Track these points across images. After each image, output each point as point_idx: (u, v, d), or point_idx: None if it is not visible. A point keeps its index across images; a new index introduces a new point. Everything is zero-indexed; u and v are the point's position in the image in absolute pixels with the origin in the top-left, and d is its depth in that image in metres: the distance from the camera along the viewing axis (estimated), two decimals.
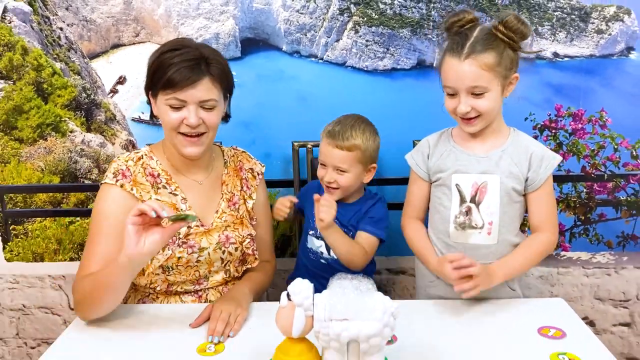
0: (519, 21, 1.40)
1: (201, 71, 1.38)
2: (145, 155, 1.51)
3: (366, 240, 1.61)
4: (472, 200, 1.49)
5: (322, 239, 1.64)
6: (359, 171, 1.63)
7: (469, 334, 1.33)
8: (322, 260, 1.68)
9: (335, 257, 1.62)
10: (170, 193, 1.49)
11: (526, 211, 1.53)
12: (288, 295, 1.06)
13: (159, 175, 1.49)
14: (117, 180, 1.44)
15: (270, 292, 1.88)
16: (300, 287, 1.06)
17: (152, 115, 1.54)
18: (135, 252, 1.23)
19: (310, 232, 1.70)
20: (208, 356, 1.24)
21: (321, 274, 1.64)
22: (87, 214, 2.09)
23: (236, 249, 1.54)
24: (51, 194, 2.10)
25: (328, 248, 1.65)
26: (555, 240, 1.50)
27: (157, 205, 1.22)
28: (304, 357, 1.08)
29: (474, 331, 1.34)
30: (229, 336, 1.30)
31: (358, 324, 1.02)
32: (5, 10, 1.92)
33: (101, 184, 1.48)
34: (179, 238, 1.46)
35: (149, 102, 1.51)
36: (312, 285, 1.07)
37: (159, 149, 1.55)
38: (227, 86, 1.49)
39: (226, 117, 1.57)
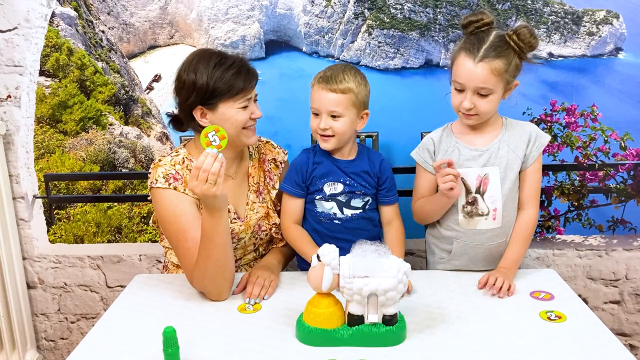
0: (531, 34, 1.52)
1: (254, 72, 1.62)
2: (186, 158, 1.64)
3: (394, 209, 1.75)
4: (477, 191, 1.64)
5: (333, 200, 1.69)
6: (353, 116, 1.62)
7: (470, 297, 1.52)
8: (336, 221, 1.69)
9: (349, 216, 1.68)
10: None
11: None
12: (318, 257, 1.26)
13: None
14: (169, 184, 1.56)
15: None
16: (329, 249, 1.26)
17: (197, 127, 1.61)
18: (209, 195, 1.36)
19: (318, 197, 1.70)
20: (248, 314, 1.44)
21: (335, 235, 1.68)
22: (124, 199, 2.29)
23: (266, 234, 1.74)
24: (91, 181, 2.28)
25: (340, 207, 1.70)
26: (537, 214, 1.68)
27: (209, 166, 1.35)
28: (331, 309, 1.28)
29: (475, 295, 1.54)
30: (263, 299, 1.51)
31: (377, 280, 1.22)
32: (53, 15, 2.11)
33: (151, 188, 1.58)
34: None
35: (192, 119, 1.60)
36: (338, 248, 1.27)
37: (193, 149, 1.67)
38: None
39: None
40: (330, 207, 1.70)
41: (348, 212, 1.69)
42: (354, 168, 1.70)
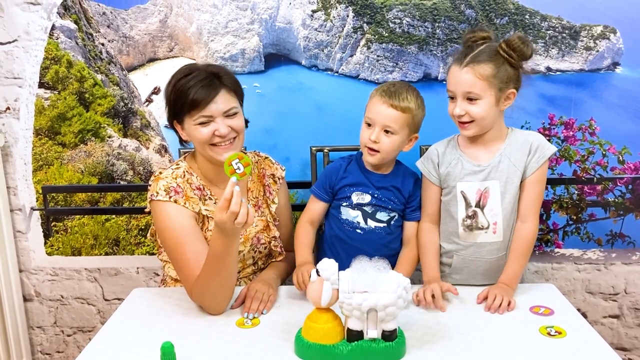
0: (522, 42, 1.53)
1: (216, 86, 1.53)
2: (187, 172, 1.63)
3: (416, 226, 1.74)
4: (477, 205, 1.63)
5: (359, 209, 1.70)
6: (404, 137, 1.64)
7: (470, 312, 1.51)
8: (358, 230, 1.70)
9: (372, 228, 1.69)
10: (215, 204, 1.62)
11: None
12: (317, 271, 1.26)
13: (203, 188, 1.62)
14: (170, 197, 1.55)
15: None
16: (328, 264, 1.25)
17: (181, 141, 1.65)
18: (223, 218, 1.32)
19: (344, 204, 1.72)
20: (247, 328, 1.43)
21: (357, 245, 1.69)
22: (122, 212, 2.28)
23: (265, 247, 1.74)
24: (89, 193, 2.27)
25: (365, 218, 1.70)
26: (537, 228, 1.65)
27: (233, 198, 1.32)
28: (330, 324, 1.27)
29: (474, 310, 1.53)
30: (262, 313, 1.50)
31: (376, 295, 1.21)
32: (53, 27, 2.12)
33: (152, 200, 1.57)
34: None
35: (176, 132, 1.63)
36: (337, 263, 1.27)
37: (192, 164, 1.66)
38: (240, 94, 1.63)
39: (246, 123, 1.67)
40: (355, 215, 1.71)
41: (372, 223, 1.70)
42: (384, 183, 1.71)
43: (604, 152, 2.15)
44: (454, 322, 1.45)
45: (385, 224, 1.71)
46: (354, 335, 1.26)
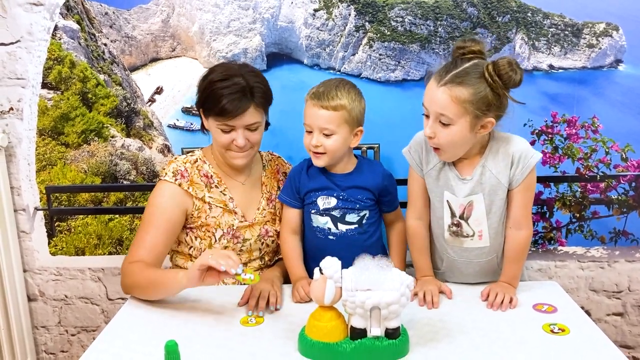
0: (511, 68, 1.39)
1: (247, 100, 1.58)
2: (200, 159, 1.72)
3: (396, 213, 1.75)
4: (461, 216, 1.59)
5: (327, 214, 1.65)
6: (345, 133, 1.58)
7: (472, 310, 1.52)
8: (331, 237, 1.65)
9: (344, 231, 1.64)
10: (221, 192, 1.71)
11: None
12: (320, 270, 1.26)
13: (212, 176, 1.70)
14: (175, 179, 1.64)
15: None
16: (331, 262, 1.26)
17: (203, 128, 1.74)
18: (197, 284, 1.43)
19: (313, 211, 1.67)
20: (250, 327, 1.44)
21: (331, 251, 1.48)
22: (126, 211, 2.29)
23: (272, 241, 1.77)
24: (93, 193, 2.28)
25: (335, 223, 1.65)
26: (531, 231, 1.61)
27: (226, 263, 1.37)
28: (334, 322, 1.28)
29: (477, 307, 1.53)
30: (269, 308, 1.50)
31: (380, 293, 1.22)
32: (56, 28, 2.13)
33: (159, 179, 1.67)
34: (230, 232, 1.69)
35: (200, 116, 1.71)
36: (340, 261, 1.27)
37: (208, 154, 1.75)
38: (268, 105, 1.68)
39: (267, 126, 1.75)
40: (324, 221, 1.66)
41: (343, 227, 1.65)
42: (349, 182, 1.65)
43: (607, 150, 2.15)
44: (457, 320, 1.45)
45: (356, 225, 1.66)
46: (357, 333, 1.27)
